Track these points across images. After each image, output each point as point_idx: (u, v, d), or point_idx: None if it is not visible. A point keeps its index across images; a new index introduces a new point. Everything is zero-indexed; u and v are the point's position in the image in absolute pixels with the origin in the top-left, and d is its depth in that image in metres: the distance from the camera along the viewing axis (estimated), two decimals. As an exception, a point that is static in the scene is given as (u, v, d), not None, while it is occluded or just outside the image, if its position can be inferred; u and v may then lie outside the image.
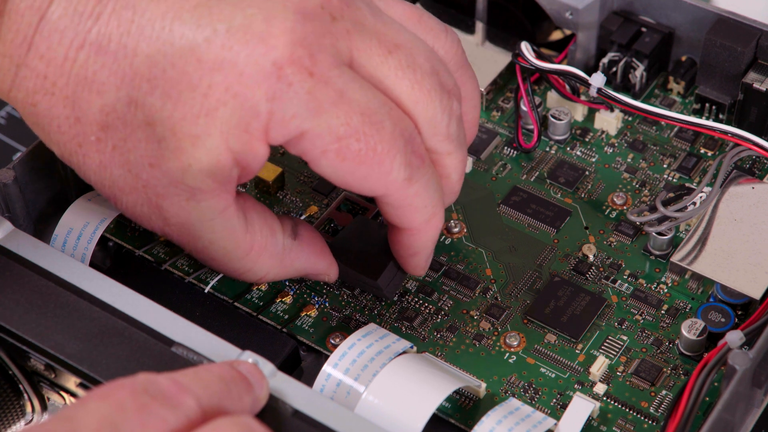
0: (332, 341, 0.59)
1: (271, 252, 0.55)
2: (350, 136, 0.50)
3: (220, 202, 0.52)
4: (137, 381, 0.43)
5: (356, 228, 0.60)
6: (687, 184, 0.64)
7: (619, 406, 0.56)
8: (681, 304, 0.60)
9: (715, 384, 0.56)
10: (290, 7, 0.49)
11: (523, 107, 0.66)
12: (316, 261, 0.57)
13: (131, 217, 0.54)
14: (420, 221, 0.55)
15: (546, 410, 0.56)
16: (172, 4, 0.49)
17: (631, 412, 0.56)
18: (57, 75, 0.50)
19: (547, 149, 0.67)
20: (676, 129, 0.67)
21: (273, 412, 0.49)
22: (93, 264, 0.58)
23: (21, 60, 0.50)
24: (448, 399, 0.56)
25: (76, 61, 0.50)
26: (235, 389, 0.46)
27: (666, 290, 0.61)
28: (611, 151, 0.67)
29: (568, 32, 0.71)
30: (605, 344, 0.59)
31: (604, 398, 0.57)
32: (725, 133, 0.62)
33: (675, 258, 0.60)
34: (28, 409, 0.57)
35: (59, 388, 0.55)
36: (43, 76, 0.50)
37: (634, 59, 0.68)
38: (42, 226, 0.62)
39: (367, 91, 0.51)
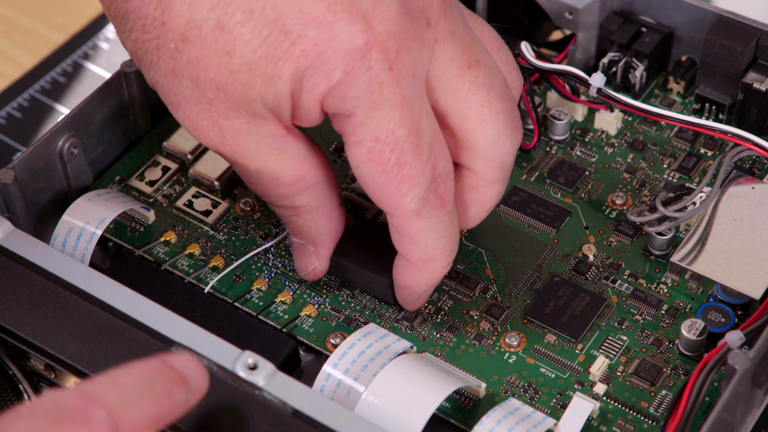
0: (332, 341, 0.59)
1: (319, 192, 0.56)
2: (389, 143, 0.51)
3: (279, 129, 0.53)
4: (38, 405, 0.40)
5: (359, 228, 0.60)
6: (687, 184, 0.64)
7: (619, 406, 0.56)
8: (681, 304, 0.60)
9: (715, 384, 0.56)
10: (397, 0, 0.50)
11: (523, 107, 0.66)
12: (327, 241, 0.58)
13: (188, 128, 0.54)
14: (416, 257, 0.55)
15: (546, 410, 0.56)
16: None
17: (631, 412, 0.56)
18: None
19: (547, 149, 0.67)
20: (676, 129, 0.67)
21: (273, 412, 0.49)
22: (93, 264, 0.58)
23: None
24: (448, 399, 0.56)
25: None
26: (161, 385, 0.44)
27: (666, 290, 0.61)
28: (611, 151, 0.67)
29: (568, 32, 0.71)
30: (605, 344, 0.59)
31: (604, 398, 0.57)
32: (725, 133, 0.62)
33: (675, 258, 0.60)
34: (28, 409, 0.57)
35: (59, 388, 0.55)
36: None
37: (634, 59, 0.68)
38: (42, 226, 0.62)
39: (428, 115, 0.52)
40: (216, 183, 0.64)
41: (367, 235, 0.60)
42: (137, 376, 0.43)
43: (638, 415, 0.56)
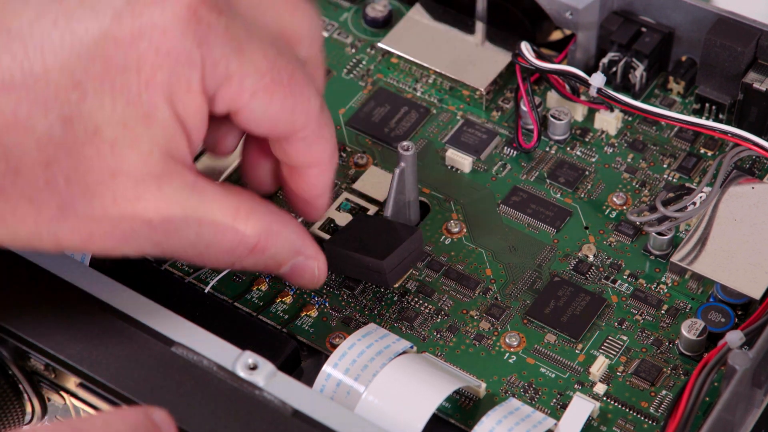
0: (332, 341, 0.59)
1: (258, 213, 0.53)
2: (272, 68, 0.50)
3: (188, 176, 0.50)
4: None
5: (356, 224, 0.60)
6: (687, 184, 0.64)
7: (619, 406, 0.56)
8: (681, 304, 0.60)
9: (715, 384, 0.56)
10: None
11: (523, 107, 0.66)
12: (303, 238, 0.55)
13: (114, 252, 0.50)
14: (329, 153, 0.55)
15: (546, 410, 0.56)
16: (56, 11, 0.46)
17: (631, 412, 0.56)
18: None
19: (547, 149, 0.67)
20: (676, 129, 0.67)
21: (273, 412, 0.49)
22: (93, 264, 0.58)
23: None
24: (448, 399, 0.56)
25: None
26: None
27: (666, 290, 0.61)
28: (611, 151, 0.67)
29: (568, 32, 0.71)
30: (605, 344, 0.59)
31: (604, 398, 0.57)
32: (725, 133, 0.62)
33: (675, 258, 0.60)
34: (28, 409, 0.57)
35: (59, 388, 0.55)
36: None
37: (634, 59, 0.68)
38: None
39: (261, 25, 0.51)
40: (216, 183, 0.64)
41: (361, 228, 0.60)
42: (128, 426, 0.44)
43: (638, 415, 0.56)
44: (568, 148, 0.67)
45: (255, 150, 0.58)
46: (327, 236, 0.62)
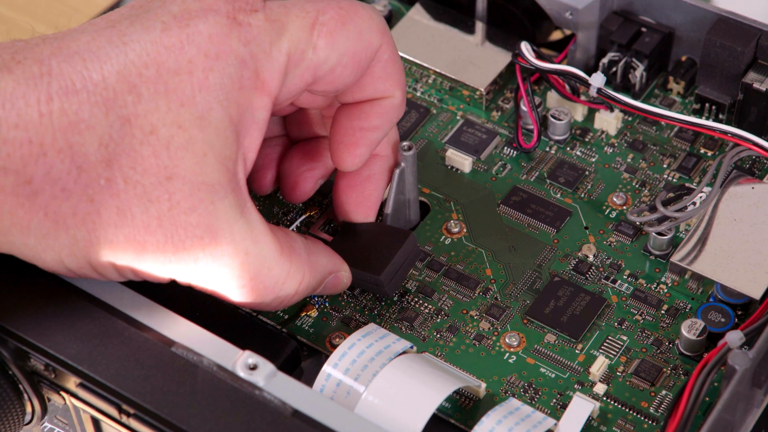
0: (332, 341, 0.59)
1: (297, 251, 0.54)
2: (316, 16, 0.53)
3: (240, 197, 0.51)
4: None
5: (348, 231, 0.60)
6: (687, 184, 0.64)
7: (619, 406, 0.56)
8: (681, 304, 0.60)
9: (715, 384, 0.56)
10: None
11: (523, 107, 0.66)
12: (331, 254, 0.57)
13: (161, 270, 0.51)
14: (404, 84, 0.57)
15: (546, 410, 0.56)
16: (110, 33, 0.50)
17: (631, 412, 0.56)
18: (41, 134, 0.48)
19: (547, 149, 0.67)
20: (676, 129, 0.67)
21: (273, 412, 0.49)
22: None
23: None
24: (448, 399, 0.56)
25: (52, 113, 0.48)
26: None
27: (666, 290, 0.61)
28: (611, 151, 0.67)
29: (568, 32, 0.71)
30: (605, 344, 0.59)
31: (604, 398, 0.57)
32: (725, 133, 0.62)
33: (675, 258, 0.60)
34: (28, 409, 0.57)
35: (59, 388, 0.55)
36: (28, 142, 0.48)
37: (634, 59, 0.68)
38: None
39: None
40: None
41: (351, 239, 0.60)
42: None
43: (638, 415, 0.56)
44: (568, 148, 0.67)
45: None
46: (328, 237, 0.62)
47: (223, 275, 0.51)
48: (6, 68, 0.48)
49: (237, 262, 0.51)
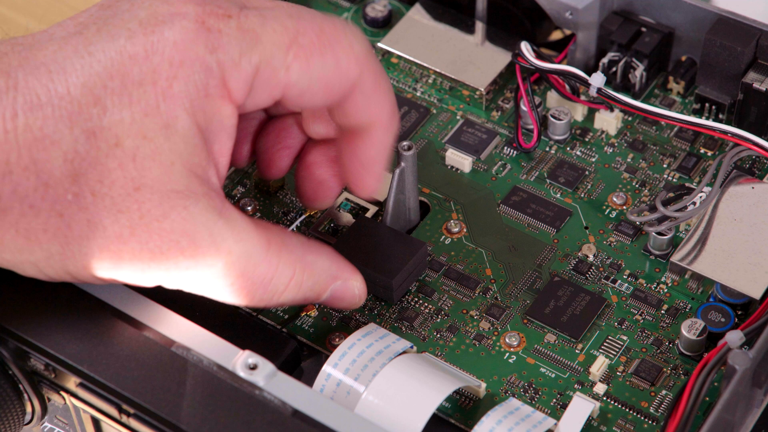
0: (332, 341, 0.59)
1: (290, 246, 0.53)
2: (295, 37, 0.51)
3: (215, 200, 0.50)
4: None
5: (358, 228, 0.60)
6: (687, 184, 0.64)
7: (619, 406, 0.56)
8: (681, 304, 0.60)
9: (715, 384, 0.56)
10: None
11: (523, 107, 0.66)
12: (338, 262, 0.55)
13: (142, 278, 0.51)
14: (388, 111, 0.55)
15: (546, 410, 0.56)
16: (76, 41, 0.49)
17: (631, 412, 0.56)
18: (6, 151, 0.48)
19: (547, 149, 0.67)
20: (676, 129, 0.67)
21: (273, 412, 0.49)
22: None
23: None
24: (448, 399, 0.56)
25: (17, 129, 0.48)
26: None
27: (666, 290, 0.61)
28: (611, 151, 0.67)
29: (568, 32, 0.71)
30: (605, 344, 0.59)
31: (604, 398, 0.57)
32: (725, 133, 0.62)
33: (675, 258, 0.60)
34: (28, 409, 0.57)
35: (59, 388, 0.55)
36: None
37: (634, 59, 0.68)
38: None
39: (276, 3, 0.52)
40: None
41: (364, 237, 0.60)
42: None
43: (638, 415, 0.56)
44: (568, 148, 0.67)
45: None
46: (331, 238, 0.62)
47: (208, 277, 0.51)
48: None
49: (221, 263, 0.51)
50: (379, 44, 0.70)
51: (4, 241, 0.49)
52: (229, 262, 0.51)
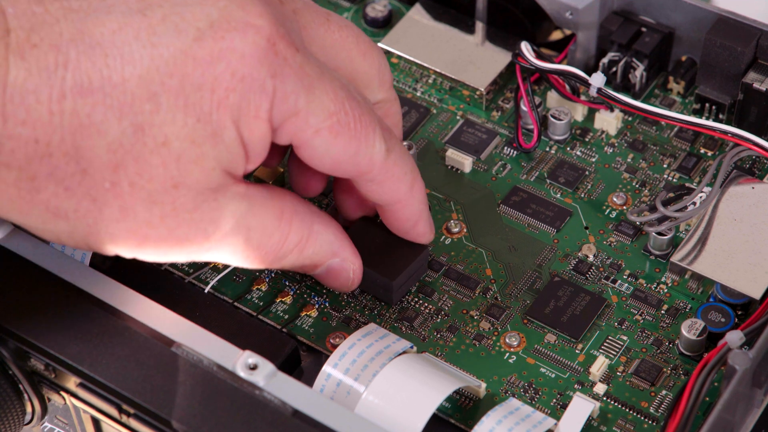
0: (332, 341, 0.59)
1: (301, 214, 0.54)
2: (339, 110, 0.51)
3: (240, 186, 0.51)
4: None
5: (362, 228, 0.60)
6: (687, 184, 0.64)
7: (619, 406, 0.56)
8: (681, 304, 0.60)
9: (715, 384, 0.56)
10: None
11: (523, 107, 0.66)
12: (342, 240, 0.56)
13: (163, 258, 0.51)
14: (405, 190, 0.56)
15: (546, 410, 0.56)
16: (138, 25, 0.47)
17: (631, 412, 0.56)
18: (49, 134, 0.46)
19: (547, 149, 0.67)
20: (676, 129, 0.67)
21: (273, 412, 0.49)
22: (93, 264, 0.58)
23: (0, 135, 0.46)
24: (448, 399, 0.56)
25: (63, 112, 0.46)
26: None
27: (666, 290, 0.61)
28: (611, 151, 0.67)
29: (568, 32, 0.71)
30: (605, 344, 0.59)
31: (604, 398, 0.57)
32: (725, 133, 0.62)
33: (675, 258, 0.60)
34: (28, 409, 0.57)
35: (59, 388, 0.55)
36: (34, 141, 0.46)
37: (634, 59, 0.68)
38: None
39: (333, 67, 0.53)
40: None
41: (367, 236, 0.60)
42: None
43: (638, 415, 0.56)
44: (568, 148, 0.67)
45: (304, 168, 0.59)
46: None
47: (229, 254, 0.52)
48: (19, 52, 0.46)
49: (241, 240, 0.52)
50: (379, 44, 0.70)
51: (32, 213, 0.48)
52: (247, 238, 0.52)
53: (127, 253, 0.51)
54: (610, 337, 0.59)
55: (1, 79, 0.45)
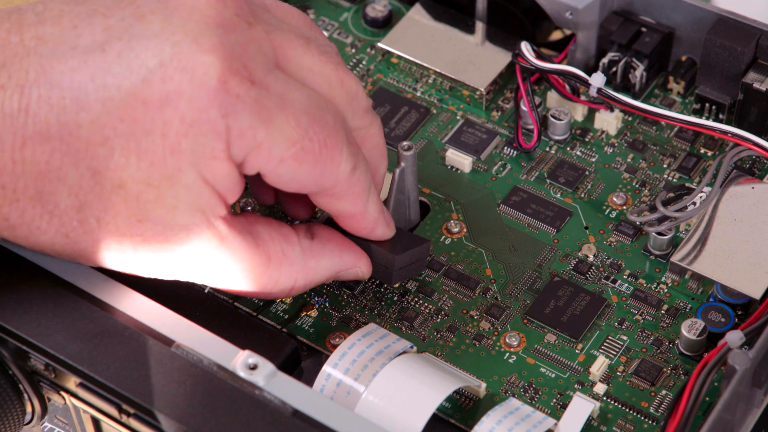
0: (332, 341, 0.59)
1: (291, 258, 0.54)
2: (303, 137, 0.51)
3: (219, 229, 0.51)
4: None
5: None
6: (687, 184, 0.64)
7: (619, 406, 0.56)
8: (681, 304, 0.60)
9: (715, 384, 0.56)
10: (210, 23, 0.49)
11: (523, 107, 0.66)
12: (341, 255, 0.57)
13: (150, 272, 0.52)
14: (362, 204, 0.56)
15: (546, 410, 0.56)
16: (94, 63, 0.48)
17: (631, 412, 0.56)
18: (14, 180, 0.49)
19: (547, 149, 0.67)
20: (676, 129, 0.67)
21: (273, 412, 0.49)
22: (93, 264, 0.58)
23: None
24: (448, 399, 0.56)
25: (24, 161, 0.48)
26: None
27: (666, 290, 0.61)
28: (611, 151, 0.67)
29: (568, 32, 0.71)
30: (605, 344, 0.59)
31: (604, 398, 0.57)
32: (725, 133, 0.62)
33: (675, 258, 0.60)
34: (28, 409, 0.57)
35: (59, 388, 0.55)
36: (2, 187, 0.49)
37: (634, 59, 0.68)
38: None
39: (302, 89, 0.52)
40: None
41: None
42: None
43: (638, 415, 0.56)
44: (568, 148, 0.67)
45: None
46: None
47: (214, 285, 0.53)
48: None
49: (222, 283, 0.53)
50: (379, 44, 0.70)
51: (16, 241, 0.51)
52: (231, 280, 0.53)
53: (119, 269, 0.52)
54: (610, 337, 0.59)
55: None
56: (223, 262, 0.52)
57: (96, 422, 0.55)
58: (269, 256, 0.53)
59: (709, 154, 0.66)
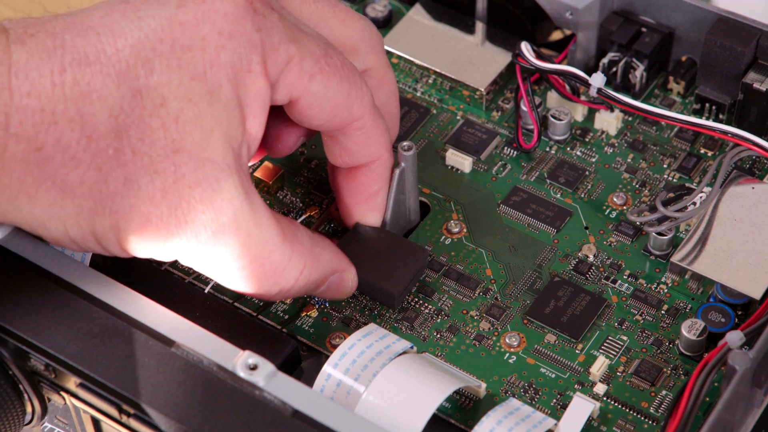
0: (332, 341, 0.59)
1: (300, 239, 0.54)
2: (326, 54, 0.54)
3: (244, 180, 0.52)
4: None
5: (358, 235, 0.60)
6: (687, 184, 0.64)
7: (619, 406, 0.56)
8: (681, 304, 0.60)
9: (715, 384, 0.56)
10: None
11: (523, 107, 0.66)
12: (338, 253, 0.57)
13: (160, 246, 0.51)
14: (387, 146, 0.58)
15: (546, 410, 0.56)
16: (123, 7, 0.51)
17: (631, 412, 0.56)
18: (53, 102, 0.49)
19: (547, 149, 0.67)
20: (676, 129, 0.67)
21: (273, 412, 0.49)
22: (93, 264, 0.58)
23: (8, 107, 0.48)
24: (448, 399, 0.56)
25: (64, 83, 0.49)
26: None
27: (666, 290, 0.61)
28: (611, 151, 0.67)
29: (568, 32, 0.71)
30: (605, 344, 0.59)
31: (604, 398, 0.57)
32: (725, 133, 0.62)
33: (675, 258, 0.60)
34: (28, 409, 0.57)
35: (59, 388, 0.55)
36: (40, 110, 0.49)
37: (634, 59, 0.68)
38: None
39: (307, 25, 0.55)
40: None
41: (365, 243, 0.60)
42: None
43: (638, 415, 0.56)
44: (568, 148, 0.67)
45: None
46: (333, 239, 0.62)
47: (223, 256, 0.52)
48: (19, 41, 0.49)
49: (239, 243, 0.52)
50: (379, 44, 0.70)
51: (39, 192, 0.50)
52: (246, 245, 0.52)
53: (129, 234, 0.51)
54: (610, 337, 0.59)
55: (5, 60, 0.48)
56: (244, 220, 0.51)
57: (96, 422, 0.55)
58: (284, 231, 0.53)
59: (709, 154, 0.66)
